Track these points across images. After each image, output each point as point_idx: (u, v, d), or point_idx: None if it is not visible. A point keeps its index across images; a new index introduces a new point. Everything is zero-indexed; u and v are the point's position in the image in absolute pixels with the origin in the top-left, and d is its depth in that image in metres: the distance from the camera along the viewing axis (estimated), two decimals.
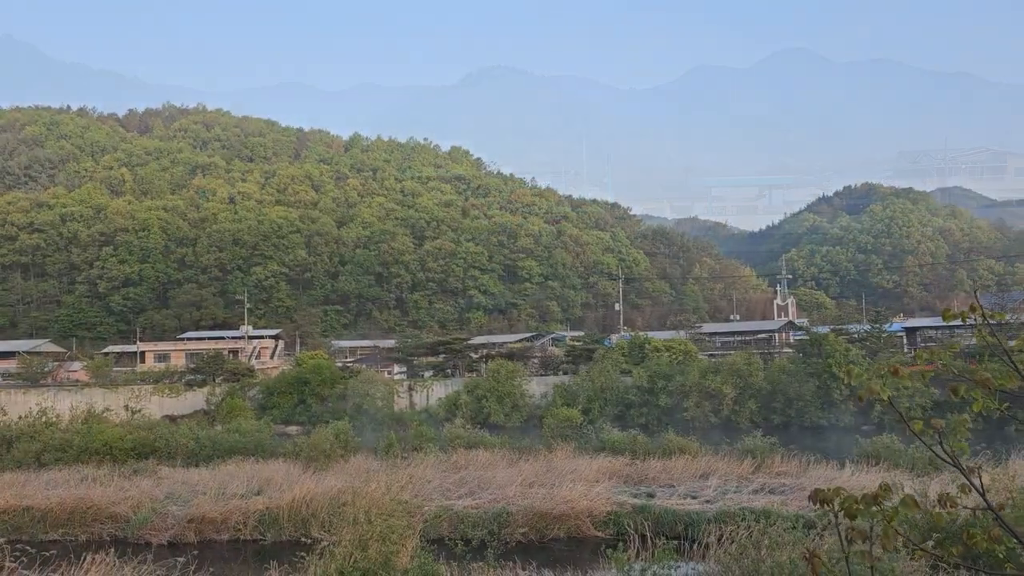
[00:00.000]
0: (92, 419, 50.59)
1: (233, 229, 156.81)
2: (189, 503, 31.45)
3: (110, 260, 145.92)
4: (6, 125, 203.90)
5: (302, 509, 29.56)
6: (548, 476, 33.83)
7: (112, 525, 30.24)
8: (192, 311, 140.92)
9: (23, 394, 75.66)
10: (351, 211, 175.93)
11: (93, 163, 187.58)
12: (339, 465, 38.51)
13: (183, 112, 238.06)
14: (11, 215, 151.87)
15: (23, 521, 29.90)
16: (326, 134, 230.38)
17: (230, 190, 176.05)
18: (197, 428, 47.92)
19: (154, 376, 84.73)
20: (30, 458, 41.68)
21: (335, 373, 69.61)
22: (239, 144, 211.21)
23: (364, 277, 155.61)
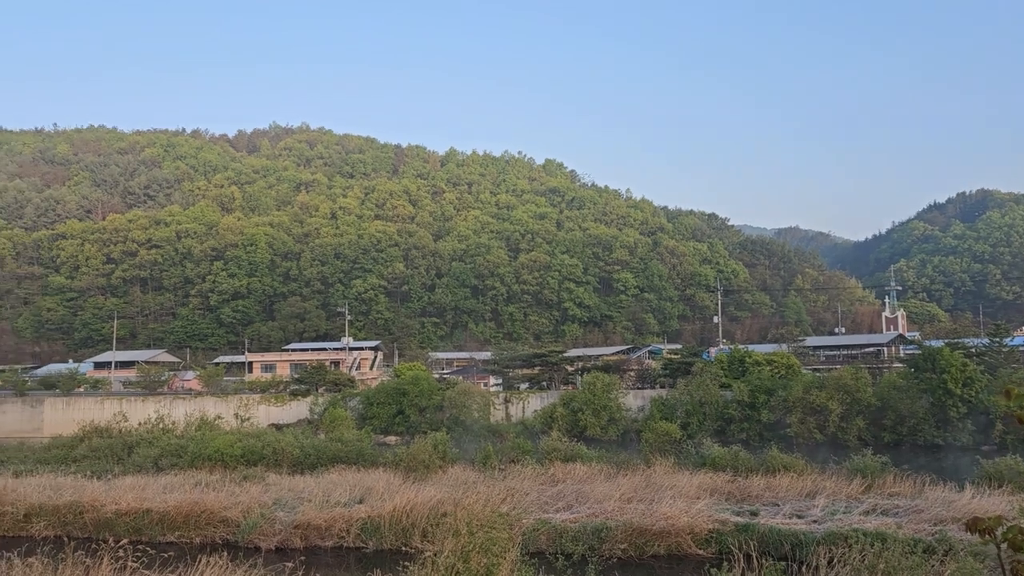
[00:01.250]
0: (205, 426, 52.87)
1: (335, 243, 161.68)
2: (295, 510, 32.31)
3: (221, 274, 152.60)
4: (127, 148, 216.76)
5: (403, 518, 29.96)
6: (647, 491, 33.25)
7: (224, 529, 31.36)
8: (296, 323, 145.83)
9: (142, 402, 79.72)
10: (447, 225, 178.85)
11: (206, 182, 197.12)
12: (438, 475, 38.88)
13: (288, 131, 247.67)
14: (132, 232, 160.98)
15: (143, 523, 31.37)
16: (423, 149, 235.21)
17: (332, 206, 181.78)
18: (302, 437, 49.27)
19: (261, 386, 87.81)
20: (149, 463, 43.70)
21: (432, 384, 70.51)
22: (340, 161, 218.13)
23: (460, 290, 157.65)
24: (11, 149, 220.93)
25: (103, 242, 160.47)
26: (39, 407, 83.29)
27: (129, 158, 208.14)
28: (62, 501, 33.33)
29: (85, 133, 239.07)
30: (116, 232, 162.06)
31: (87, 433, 53.54)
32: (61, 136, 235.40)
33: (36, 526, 32.11)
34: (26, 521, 32.41)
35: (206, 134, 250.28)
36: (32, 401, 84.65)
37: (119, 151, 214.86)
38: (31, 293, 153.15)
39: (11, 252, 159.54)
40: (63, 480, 38.30)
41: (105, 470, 41.95)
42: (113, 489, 35.52)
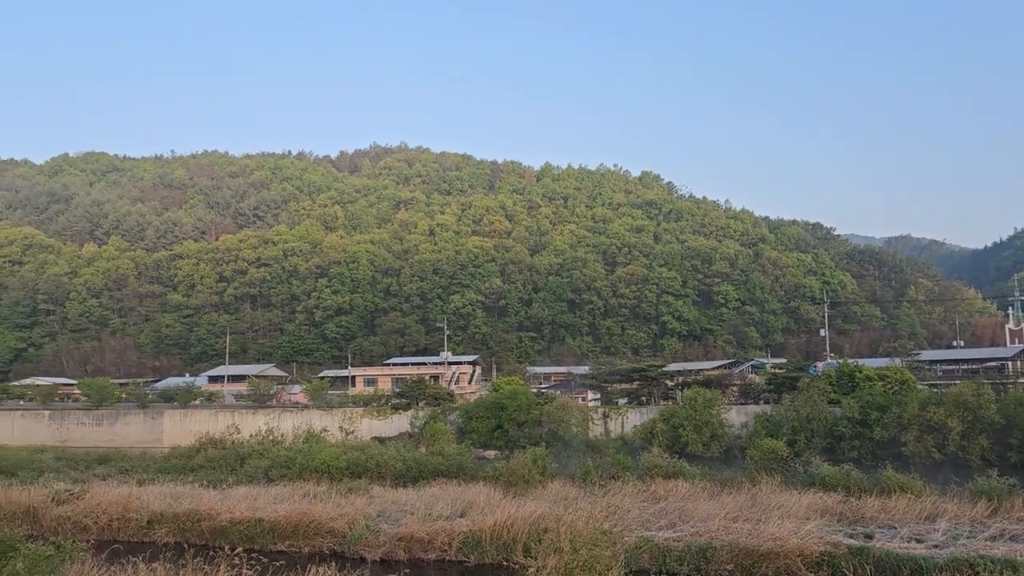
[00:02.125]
0: (311, 439, 54.50)
1: (433, 259, 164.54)
2: (399, 522, 32.86)
3: (325, 291, 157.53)
4: (238, 171, 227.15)
5: (504, 533, 30.02)
6: (753, 511, 32.31)
7: (331, 539, 32.19)
8: (396, 338, 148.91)
9: (253, 414, 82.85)
10: (543, 239, 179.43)
11: (310, 202, 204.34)
12: (537, 490, 38.82)
13: (387, 151, 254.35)
14: (242, 251, 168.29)
15: (255, 532, 32.53)
16: (518, 165, 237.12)
17: (430, 222, 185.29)
18: (403, 450, 50.12)
19: (364, 399, 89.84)
20: (260, 473, 45.35)
21: (530, 399, 70.51)
22: (438, 179, 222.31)
23: (557, 304, 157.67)
24: (134, 175, 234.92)
25: (216, 261, 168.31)
26: (159, 419, 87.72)
27: (240, 181, 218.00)
28: (181, 509, 34.94)
29: (200, 158, 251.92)
30: (228, 252, 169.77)
31: (203, 444, 56.05)
32: (178, 162, 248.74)
33: (158, 532, 33.76)
34: (149, 527, 34.12)
35: (310, 156, 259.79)
36: (153, 413, 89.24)
37: (231, 174, 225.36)
38: (152, 310, 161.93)
39: (134, 272, 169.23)
40: (182, 489, 40.21)
41: (220, 480, 43.78)
42: (227, 498, 37.02)
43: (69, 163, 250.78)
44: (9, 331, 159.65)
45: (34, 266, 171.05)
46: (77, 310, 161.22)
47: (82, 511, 35.35)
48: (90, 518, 34.71)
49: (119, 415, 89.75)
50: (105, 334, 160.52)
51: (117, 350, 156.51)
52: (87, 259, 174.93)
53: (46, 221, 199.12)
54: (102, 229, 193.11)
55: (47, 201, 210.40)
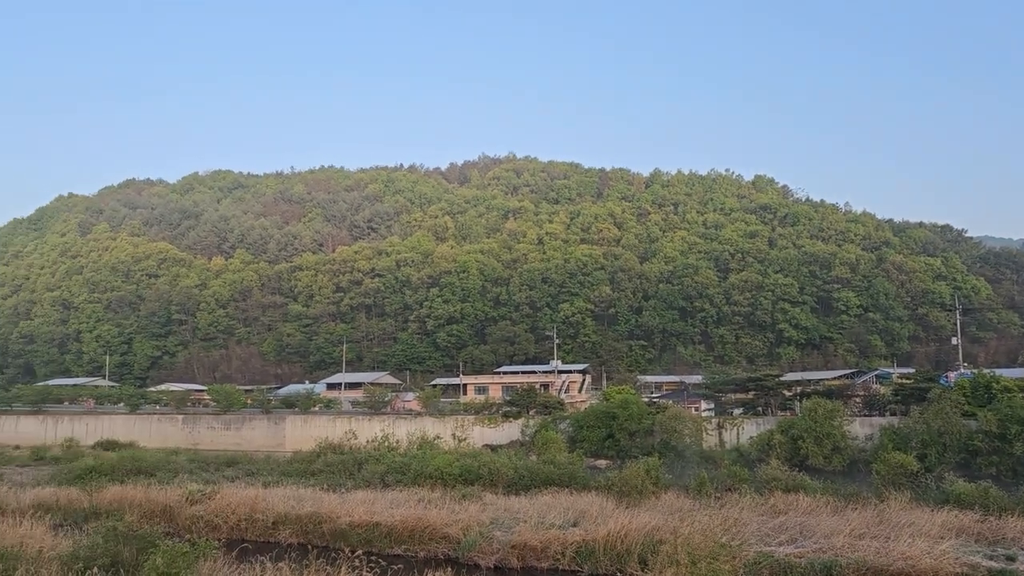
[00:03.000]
0: (425, 445, 55.58)
1: (542, 268, 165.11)
2: (512, 530, 32.99)
3: (436, 300, 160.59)
4: (353, 185, 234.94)
5: (617, 544, 29.68)
6: (880, 528, 30.78)
7: (446, 545, 32.64)
8: (506, 346, 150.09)
9: (369, 421, 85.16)
10: (653, 246, 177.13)
11: (422, 213, 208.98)
12: (651, 501, 38.24)
13: (496, 162, 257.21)
14: (357, 263, 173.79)
15: (373, 535, 33.36)
16: (627, 172, 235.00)
17: (539, 231, 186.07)
18: (515, 458, 50.35)
19: (475, 407, 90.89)
20: (376, 478, 46.50)
21: (642, 408, 69.54)
22: (546, 187, 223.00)
23: (668, 312, 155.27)
24: (257, 191, 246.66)
25: (333, 272, 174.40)
26: (282, 424, 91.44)
27: (355, 194, 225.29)
28: (304, 511, 36.24)
29: (317, 173, 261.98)
30: (344, 263, 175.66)
31: (323, 449, 58.05)
32: (297, 177, 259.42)
33: (283, 533, 35.12)
34: (274, 528, 35.53)
35: (421, 169, 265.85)
36: (276, 418, 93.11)
37: (346, 188, 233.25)
38: (274, 320, 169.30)
39: (257, 283, 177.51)
40: (304, 492, 41.67)
41: (339, 484, 45.14)
42: (346, 502, 38.13)
43: (199, 181, 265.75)
44: (147, 340, 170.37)
45: (168, 279, 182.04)
46: (206, 320, 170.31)
47: (213, 511, 37.18)
48: (220, 518, 36.46)
49: (245, 420, 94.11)
50: (232, 342, 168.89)
51: (242, 358, 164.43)
52: (215, 272, 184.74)
53: (178, 236, 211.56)
54: (228, 243, 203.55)
55: (179, 217, 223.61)
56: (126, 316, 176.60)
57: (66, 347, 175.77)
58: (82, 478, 47.93)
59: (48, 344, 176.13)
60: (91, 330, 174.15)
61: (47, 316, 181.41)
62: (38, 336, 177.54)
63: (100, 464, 52.39)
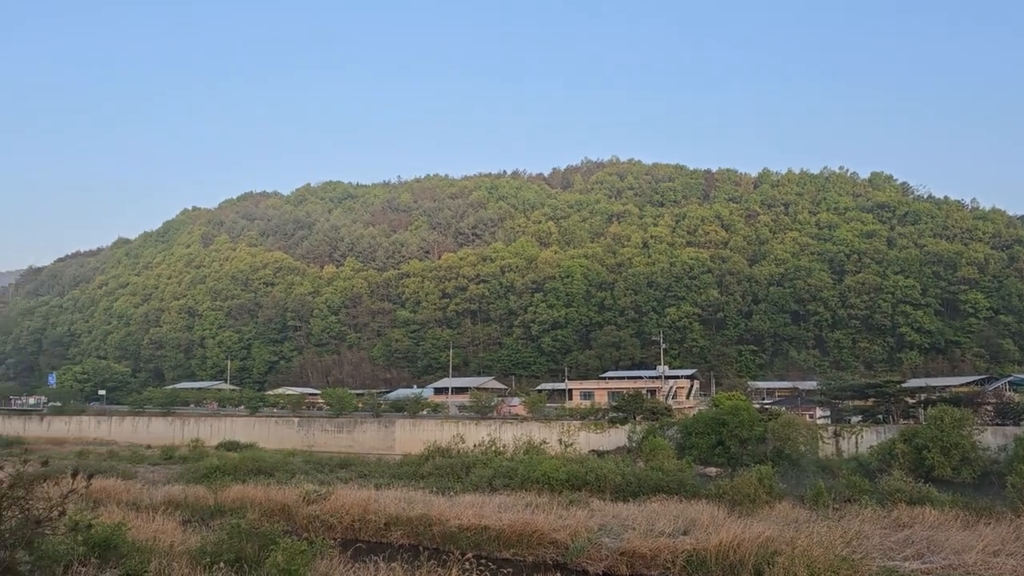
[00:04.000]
0: (532, 450, 55.75)
1: (647, 272, 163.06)
2: (620, 536, 32.67)
3: (540, 305, 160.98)
4: (457, 192, 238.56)
5: (730, 554, 28.96)
6: (1017, 545, 28.87)
7: (553, 550, 32.63)
8: (612, 351, 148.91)
9: (475, 425, 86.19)
10: (763, 248, 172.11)
11: (525, 219, 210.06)
12: (764, 511, 37.17)
13: (599, 165, 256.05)
14: (463, 269, 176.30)
15: (482, 539, 33.71)
16: (734, 172, 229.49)
17: (643, 235, 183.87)
18: (622, 464, 49.88)
19: (581, 413, 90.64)
20: (484, 482, 46.97)
21: (753, 415, 67.61)
22: (650, 190, 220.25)
23: (779, 316, 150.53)
24: (366, 201, 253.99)
25: (439, 279, 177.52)
26: (391, 427, 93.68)
27: (459, 202, 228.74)
28: (414, 513, 36.96)
29: (423, 182, 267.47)
30: (449, 269, 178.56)
31: (431, 453, 59.08)
32: (404, 186, 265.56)
33: (394, 534, 35.92)
34: (386, 529, 36.39)
35: (524, 174, 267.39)
36: (386, 422, 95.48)
37: (451, 196, 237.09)
38: (383, 326, 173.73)
39: (367, 290, 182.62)
40: (414, 494, 42.52)
41: (447, 487, 45.83)
42: (455, 505, 38.68)
43: (311, 192, 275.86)
44: (264, 346, 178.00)
45: (284, 287, 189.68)
46: (319, 326, 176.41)
47: (328, 511, 38.42)
48: (335, 518, 37.63)
49: (357, 423, 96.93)
50: (343, 348, 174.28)
51: (353, 362, 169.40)
52: (327, 279, 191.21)
53: (292, 246, 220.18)
54: (339, 251, 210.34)
55: (293, 228, 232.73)
56: (245, 323, 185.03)
57: (191, 352, 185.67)
58: (207, 477, 50.45)
59: (175, 349, 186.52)
60: (214, 336, 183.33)
61: (174, 323, 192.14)
62: (166, 342, 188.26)
63: (223, 464, 55.00)
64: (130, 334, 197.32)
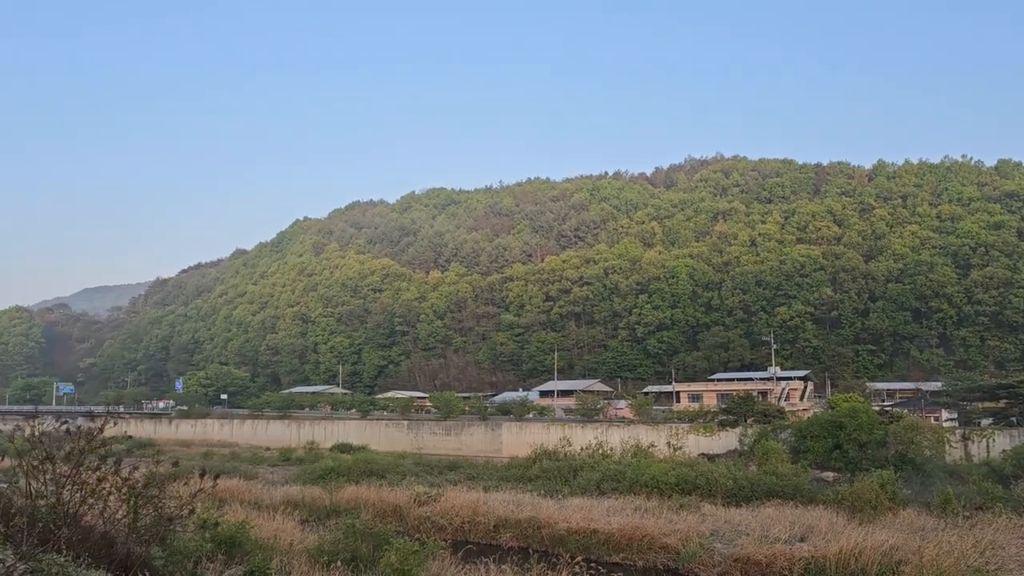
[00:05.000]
0: (640, 454, 55.05)
1: (755, 271, 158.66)
2: (733, 542, 31.86)
3: (645, 307, 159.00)
4: (559, 195, 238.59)
5: (851, 562, 27.78)
6: None
7: (664, 555, 32.11)
8: (720, 352, 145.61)
9: (582, 428, 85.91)
10: (879, 243, 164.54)
11: (628, 220, 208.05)
12: (887, 518, 35.51)
13: (703, 163, 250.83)
14: (565, 272, 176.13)
15: (591, 542, 33.51)
16: (846, 165, 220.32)
17: (750, 233, 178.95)
18: (734, 468, 48.66)
19: (689, 415, 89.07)
20: (591, 485, 46.72)
21: (872, 417, 64.74)
22: (757, 187, 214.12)
23: (898, 313, 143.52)
24: (468, 207, 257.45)
25: (542, 282, 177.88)
26: (498, 430, 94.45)
27: (560, 204, 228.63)
28: (523, 516, 37.10)
29: (524, 186, 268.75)
30: (552, 272, 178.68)
31: (538, 455, 59.14)
32: (505, 191, 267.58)
33: (503, 536, 36.16)
34: (495, 531, 36.68)
35: (626, 175, 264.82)
36: (492, 425, 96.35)
37: (552, 199, 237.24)
38: (488, 329, 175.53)
39: (471, 295, 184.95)
40: (522, 497, 42.69)
41: (555, 490, 45.80)
42: (563, 508, 38.61)
43: (415, 200, 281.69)
44: (374, 350, 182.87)
45: (391, 292, 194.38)
46: (426, 330, 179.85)
47: (438, 512, 39.04)
48: (445, 519, 38.20)
49: (464, 426, 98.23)
50: (449, 352, 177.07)
51: (459, 366, 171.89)
52: (432, 284, 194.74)
53: (399, 252, 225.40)
54: (444, 257, 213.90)
55: (399, 235, 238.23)
56: (355, 328, 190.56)
57: (305, 357, 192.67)
58: (323, 478, 52.15)
59: (290, 355, 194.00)
60: (326, 341, 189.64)
61: (289, 329, 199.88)
62: (282, 348, 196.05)
63: (337, 466, 56.75)
64: (248, 340, 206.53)
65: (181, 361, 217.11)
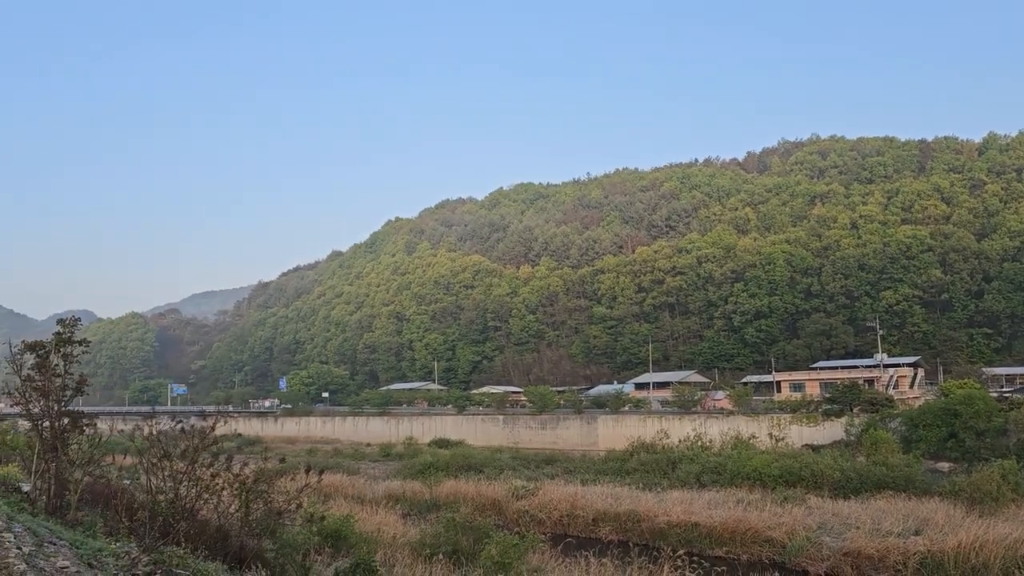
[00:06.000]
0: (740, 445, 53.79)
1: (857, 254, 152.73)
2: (842, 536, 30.75)
3: (741, 295, 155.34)
4: (648, 185, 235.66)
5: (971, 556, 26.36)
6: None
7: (769, 549, 31.24)
8: (822, 340, 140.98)
9: (679, 420, 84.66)
10: (992, 220, 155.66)
11: (720, 207, 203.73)
12: (1010, 510, 33.59)
13: (797, 145, 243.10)
14: (657, 262, 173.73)
15: (692, 535, 32.91)
16: (953, 140, 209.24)
17: (851, 215, 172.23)
18: (840, 459, 46.98)
19: (791, 405, 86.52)
20: (691, 478, 45.90)
21: (990, 405, 61.44)
22: (856, 167, 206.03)
23: (1016, 294, 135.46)
24: (557, 200, 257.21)
25: (634, 273, 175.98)
26: (593, 424, 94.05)
27: (650, 194, 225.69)
28: (621, 509, 36.77)
29: (612, 177, 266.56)
30: (644, 263, 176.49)
31: (635, 448, 58.61)
32: (593, 183, 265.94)
33: (602, 530, 35.93)
34: (594, 525, 36.48)
35: (717, 161, 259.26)
36: (587, 418, 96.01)
37: (641, 189, 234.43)
38: (580, 323, 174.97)
39: (562, 288, 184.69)
40: (620, 490, 42.33)
41: (653, 483, 45.22)
42: (663, 501, 38.08)
43: (503, 196, 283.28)
44: (467, 346, 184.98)
45: (482, 289, 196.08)
46: (518, 325, 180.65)
47: (537, 506, 39.11)
48: (544, 513, 38.23)
49: (559, 420, 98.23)
50: (542, 346, 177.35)
51: (553, 360, 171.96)
52: (523, 279, 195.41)
53: (489, 248, 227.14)
54: (533, 251, 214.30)
55: (489, 231, 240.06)
56: (449, 325, 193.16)
57: (401, 355, 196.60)
58: (422, 473, 53.05)
59: (387, 353, 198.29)
60: (421, 339, 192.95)
61: (385, 328, 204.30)
62: (379, 346, 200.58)
63: (436, 460, 57.63)
64: (347, 340, 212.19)
65: (284, 361, 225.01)
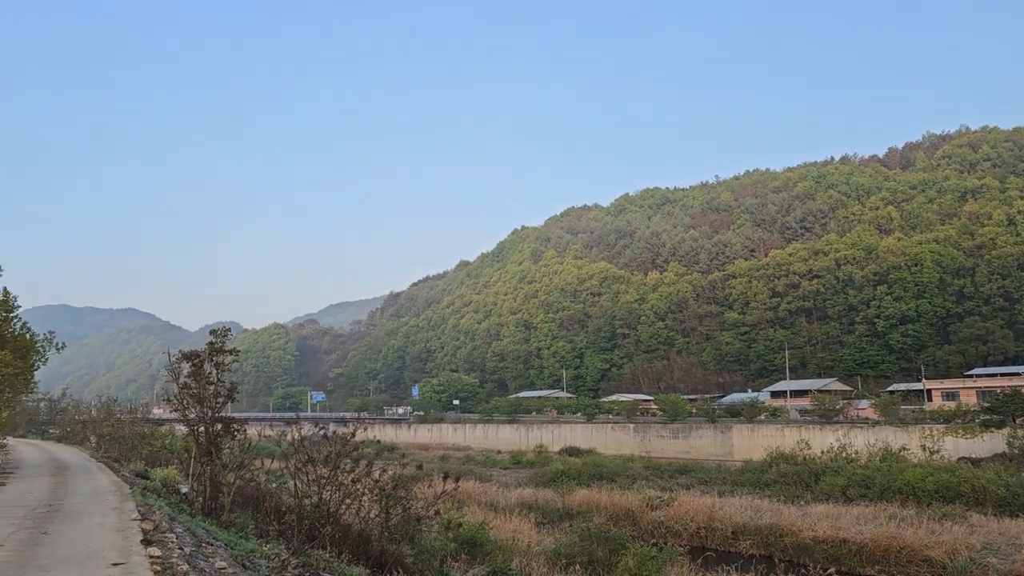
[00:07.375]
0: (890, 457, 50.63)
1: (1016, 252, 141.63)
2: (1011, 558, 28.29)
3: (885, 298, 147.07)
4: (781, 185, 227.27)
5: None
6: None
7: (927, 569, 29.14)
8: (977, 345, 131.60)
9: (819, 430, 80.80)
10: None
11: (860, 206, 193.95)
12: None
13: (945, 139, 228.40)
14: (792, 265, 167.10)
15: (840, 552, 31.09)
16: None
17: (1007, 210, 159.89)
18: (1004, 473, 43.42)
19: (944, 415, 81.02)
20: (836, 491, 43.59)
21: None
22: (1013, 159, 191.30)
23: None
24: (684, 204, 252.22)
25: (767, 277, 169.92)
26: (728, 433, 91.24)
27: (783, 195, 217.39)
28: (762, 523, 35.28)
29: (742, 179, 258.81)
30: (778, 267, 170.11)
31: (774, 459, 56.31)
32: (722, 185, 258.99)
33: (743, 543, 34.56)
34: (733, 538, 35.15)
35: (855, 159, 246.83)
36: (721, 427, 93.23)
37: (773, 190, 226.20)
38: (711, 329, 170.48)
39: (692, 294, 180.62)
40: (760, 503, 40.72)
41: (795, 496, 43.25)
42: (806, 515, 36.30)
43: (629, 201, 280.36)
44: (596, 354, 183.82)
45: (610, 296, 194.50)
46: (647, 332, 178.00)
47: (672, 517, 38.10)
48: (680, 524, 37.18)
49: (692, 429, 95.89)
50: (672, 353, 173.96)
51: (683, 367, 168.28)
52: (651, 285, 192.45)
53: (615, 255, 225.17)
54: (661, 257, 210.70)
55: (615, 237, 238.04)
56: (576, 333, 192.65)
57: (530, 363, 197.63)
58: (554, 481, 52.87)
59: (515, 361, 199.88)
60: (548, 347, 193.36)
61: (513, 336, 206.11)
62: (507, 354, 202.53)
63: (567, 469, 57.36)
64: (475, 348, 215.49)
65: (415, 369, 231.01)
